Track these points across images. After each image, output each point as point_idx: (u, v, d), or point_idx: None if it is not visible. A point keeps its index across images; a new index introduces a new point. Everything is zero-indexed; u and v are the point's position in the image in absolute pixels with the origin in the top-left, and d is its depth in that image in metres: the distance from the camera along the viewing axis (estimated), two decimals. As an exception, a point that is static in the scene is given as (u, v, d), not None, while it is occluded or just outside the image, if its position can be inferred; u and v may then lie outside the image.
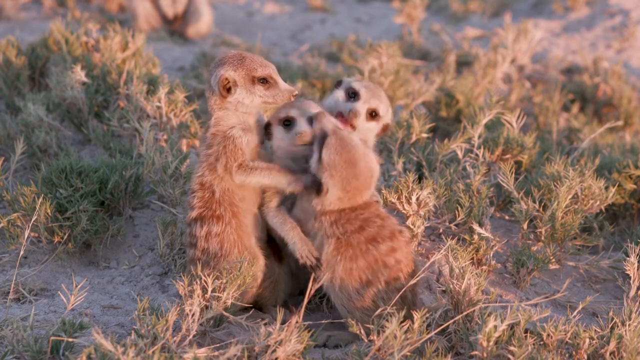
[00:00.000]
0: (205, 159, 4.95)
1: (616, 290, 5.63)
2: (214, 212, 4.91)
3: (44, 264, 5.67)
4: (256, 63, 4.90)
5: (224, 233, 4.90)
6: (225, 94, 4.87)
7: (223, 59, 4.93)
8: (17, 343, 4.58)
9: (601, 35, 10.77)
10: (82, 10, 11.41)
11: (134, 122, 6.20)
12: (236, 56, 4.92)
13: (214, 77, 4.89)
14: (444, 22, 11.83)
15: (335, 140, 4.71)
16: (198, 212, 4.93)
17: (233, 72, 4.87)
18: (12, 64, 7.24)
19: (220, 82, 4.86)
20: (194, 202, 4.94)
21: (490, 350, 4.49)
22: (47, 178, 5.71)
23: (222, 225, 4.90)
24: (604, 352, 4.60)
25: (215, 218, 4.91)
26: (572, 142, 7.85)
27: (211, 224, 4.90)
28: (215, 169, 4.90)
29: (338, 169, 4.70)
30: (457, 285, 4.70)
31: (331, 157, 4.70)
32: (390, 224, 4.82)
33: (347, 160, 4.70)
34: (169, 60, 9.44)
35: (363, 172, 4.74)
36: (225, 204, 4.91)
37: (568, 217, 5.50)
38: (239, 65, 4.88)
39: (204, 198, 4.93)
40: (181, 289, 4.65)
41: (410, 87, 7.78)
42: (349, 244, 4.76)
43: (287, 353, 4.46)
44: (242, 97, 4.89)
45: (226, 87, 4.86)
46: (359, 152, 4.73)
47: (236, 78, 4.87)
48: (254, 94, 4.90)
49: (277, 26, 11.90)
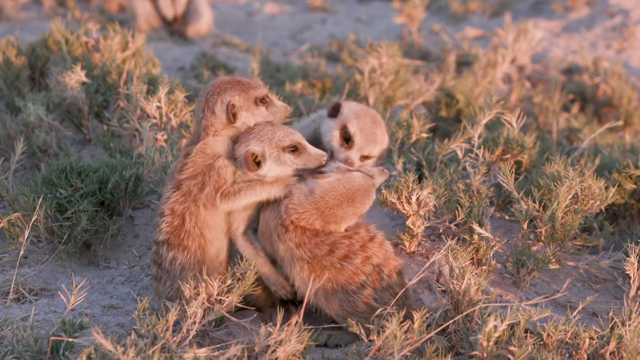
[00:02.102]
0: (181, 184, 4.92)
1: (616, 290, 5.63)
2: (181, 242, 4.92)
3: (44, 264, 5.67)
4: (254, 84, 4.96)
5: (188, 263, 4.92)
6: (233, 119, 4.89)
7: (221, 85, 4.94)
8: (17, 343, 4.58)
9: (601, 35, 10.77)
10: (82, 10, 11.41)
11: (134, 122, 6.20)
12: (233, 81, 4.96)
13: (219, 103, 4.89)
14: (444, 22, 11.83)
15: (354, 180, 4.84)
16: (165, 237, 4.94)
17: (238, 97, 4.89)
18: (12, 64, 7.24)
19: (228, 107, 4.88)
20: (163, 226, 4.94)
21: (490, 350, 4.49)
22: (47, 178, 5.71)
23: (187, 256, 4.92)
24: (604, 352, 4.60)
25: (181, 247, 4.92)
26: (572, 142, 7.85)
27: (177, 251, 4.92)
28: (195, 199, 4.89)
29: (344, 187, 4.83)
30: (457, 285, 4.70)
31: (350, 180, 4.83)
32: (358, 237, 4.84)
33: (349, 195, 4.80)
34: (169, 60, 9.44)
35: (340, 213, 4.80)
36: (194, 235, 4.92)
37: (568, 217, 5.50)
38: (241, 90, 4.91)
39: (173, 224, 4.93)
40: (187, 291, 4.65)
41: (410, 87, 7.79)
42: (322, 266, 4.78)
43: (287, 353, 4.46)
44: (248, 120, 4.92)
45: (233, 112, 4.89)
46: (353, 207, 4.83)
47: (241, 102, 4.90)
48: (257, 115, 4.93)
49: (277, 26, 11.90)
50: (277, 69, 8.85)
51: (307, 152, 4.87)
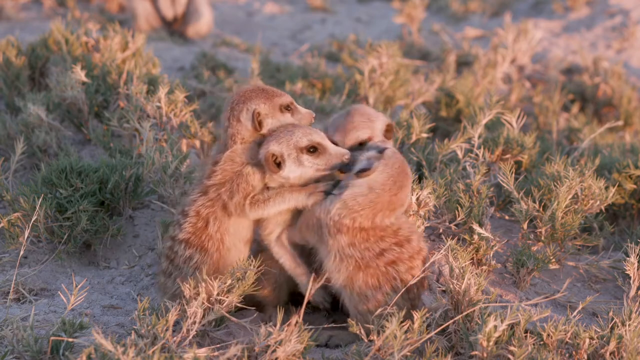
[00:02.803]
0: (208, 190, 4.92)
1: (616, 290, 5.63)
2: (202, 243, 4.93)
3: (44, 264, 5.67)
4: (278, 92, 4.98)
5: (202, 263, 4.93)
6: (259, 127, 4.91)
7: (246, 94, 4.96)
8: (17, 343, 4.58)
9: (601, 35, 10.77)
10: (82, 10, 11.41)
11: (134, 122, 6.20)
12: (257, 89, 4.98)
13: (244, 111, 4.91)
14: (444, 22, 11.83)
15: (393, 156, 4.78)
16: (186, 236, 4.94)
17: (263, 105, 4.92)
18: (12, 64, 7.24)
19: (254, 115, 4.90)
20: (185, 226, 4.94)
21: (490, 350, 4.49)
22: (47, 178, 5.71)
23: (204, 257, 4.93)
24: (604, 352, 4.60)
25: (200, 248, 4.93)
26: (572, 142, 7.85)
27: (195, 251, 4.93)
28: (225, 206, 4.90)
29: (394, 167, 4.73)
30: (457, 285, 4.70)
31: (392, 157, 4.75)
32: (409, 247, 4.83)
33: (401, 171, 4.76)
34: (169, 60, 9.44)
35: (404, 193, 4.76)
36: (215, 239, 4.93)
37: (568, 217, 5.50)
38: (266, 98, 4.93)
39: (196, 226, 4.93)
40: (187, 291, 4.65)
41: (410, 87, 7.78)
42: (368, 265, 4.77)
43: (287, 353, 4.46)
44: (273, 127, 4.93)
45: (258, 120, 4.91)
46: (409, 178, 4.80)
47: (267, 110, 4.92)
48: (282, 122, 4.95)
49: (277, 26, 11.90)
50: (277, 69, 8.85)
51: (328, 152, 4.84)
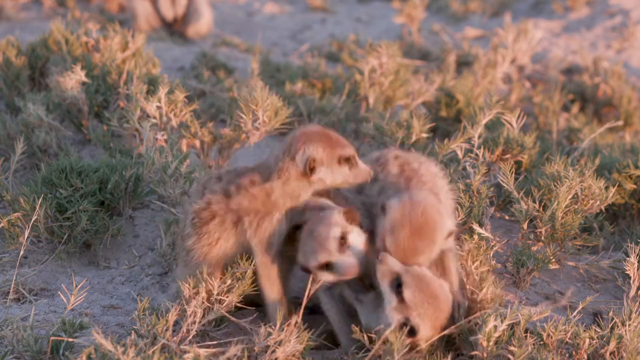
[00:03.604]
0: (231, 196, 4.90)
1: (616, 290, 5.63)
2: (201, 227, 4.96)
3: (44, 264, 5.67)
4: (342, 143, 4.84)
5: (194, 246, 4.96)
6: (309, 172, 4.81)
7: (310, 135, 4.83)
8: (17, 343, 4.58)
9: (601, 35, 10.77)
10: (82, 10, 11.41)
11: (134, 122, 6.19)
12: (322, 133, 4.85)
13: (301, 152, 4.79)
14: (444, 22, 11.83)
15: (411, 278, 4.53)
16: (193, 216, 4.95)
17: (322, 151, 4.79)
18: (12, 64, 7.24)
19: (309, 160, 4.78)
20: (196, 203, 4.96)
21: (490, 350, 4.49)
22: (47, 178, 5.71)
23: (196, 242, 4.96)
24: (604, 352, 4.60)
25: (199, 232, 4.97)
26: (572, 142, 7.84)
27: (192, 230, 4.96)
28: (237, 223, 4.90)
29: (425, 306, 4.50)
30: (476, 294, 4.72)
31: (415, 295, 4.51)
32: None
33: (430, 295, 4.53)
34: (169, 60, 9.44)
35: (445, 303, 4.58)
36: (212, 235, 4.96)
37: (568, 217, 5.50)
38: (327, 145, 4.80)
39: (201, 211, 4.94)
40: (186, 290, 4.65)
41: (410, 87, 7.78)
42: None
43: (287, 353, 4.46)
44: (325, 177, 4.83)
45: (312, 165, 4.80)
46: (436, 284, 4.57)
47: (324, 158, 4.80)
48: (337, 174, 4.84)
49: (277, 26, 11.89)
50: (277, 69, 8.85)
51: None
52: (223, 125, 7.20)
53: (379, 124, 6.23)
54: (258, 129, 6.05)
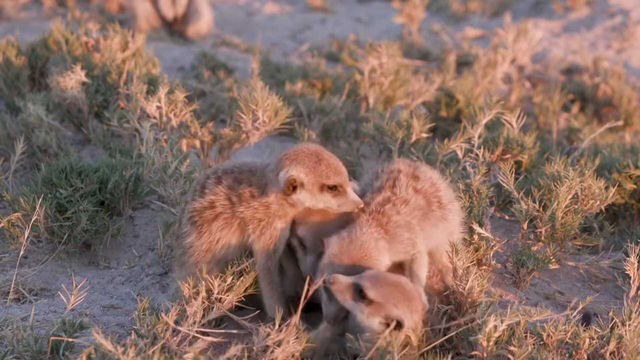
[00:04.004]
0: (235, 202, 4.88)
1: (616, 290, 5.63)
2: (201, 223, 4.94)
3: (44, 264, 5.67)
4: (330, 169, 4.74)
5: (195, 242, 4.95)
6: (287, 192, 4.75)
7: (299, 155, 4.76)
8: (17, 343, 4.58)
9: (601, 35, 10.77)
10: (82, 10, 11.41)
11: (134, 122, 6.19)
12: (312, 155, 4.76)
13: (284, 171, 4.74)
14: (444, 22, 11.83)
15: (368, 280, 4.51)
16: (195, 206, 4.93)
17: (305, 176, 4.72)
18: (12, 64, 7.24)
19: (289, 180, 4.72)
20: (197, 201, 4.94)
21: (490, 350, 4.49)
22: (47, 178, 5.71)
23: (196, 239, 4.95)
24: (604, 352, 4.60)
25: (199, 228, 4.94)
26: (572, 142, 7.84)
27: (192, 227, 4.94)
28: (244, 227, 4.89)
29: (394, 294, 4.48)
30: (461, 287, 4.70)
31: (379, 290, 4.49)
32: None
33: (392, 284, 4.52)
34: (169, 60, 9.44)
35: (409, 287, 4.56)
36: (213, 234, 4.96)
37: (568, 217, 5.50)
38: (312, 169, 4.73)
39: (203, 204, 4.92)
40: (186, 290, 4.65)
41: (410, 87, 7.78)
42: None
43: (286, 353, 4.45)
44: (305, 200, 4.78)
45: (293, 185, 4.75)
46: (392, 275, 4.57)
47: (306, 182, 4.74)
48: (319, 200, 4.77)
49: (277, 26, 11.89)
50: (277, 69, 8.85)
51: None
52: (223, 125, 7.19)
53: (379, 124, 6.23)
54: (258, 129, 6.05)
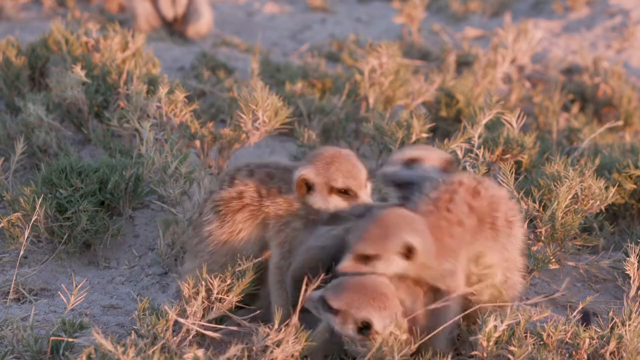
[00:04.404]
0: (263, 196, 4.87)
1: (616, 290, 5.63)
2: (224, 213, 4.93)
3: (44, 264, 5.67)
4: (341, 171, 4.70)
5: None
6: (300, 193, 4.75)
7: (317, 155, 4.77)
8: (17, 343, 4.58)
9: (601, 35, 10.77)
10: (82, 10, 11.41)
11: (134, 122, 6.19)
12: (328, 156, 4.74)
13: (299, 170, 4.73)
14: (444, 22, 11.83)
15: (330, 290, 4.46)
16: (221, 196, 4.92)
17: (315, 176, 4.72)
18: (12, 64, 7.24)
19: (299, 179, 4.73)
20: (224, 190, 4.93)
21: (490, 350, 4.49)
22: (47, 178, 5.71)
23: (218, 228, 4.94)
24: (604, 352, 4.60)
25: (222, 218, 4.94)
26: (572, 142, 7.84)
27: (214, 216, 4.94)
28: (265, 222, 4.89)
29: (358, 297, 4.40)
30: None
31: (341, 297, 4.42)
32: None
33: (356, 287, 4.44)
34: (169, 60, 9.44)
35: (378, 286, 4.47)
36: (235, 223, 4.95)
37: (568, 217, 5.50)
38: (322, 170, 4.71)
39: (230, 199, 4.92)
40: (186, 290, 4.65)
41: (410, 87, 7.78)
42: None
43: (286, 354, 4.45)
44: (315, 202, 4.76)
45: (304, 184, 4.74)
46: (358, 278, 4.48)
47: (316, 182, 4.73)
48: (328, 203, 4.75)
49: (277, 26, 11.90)
50: (277, 69, 8.85)
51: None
52: (223, 125, 7.19)
53: (379, 124, 6.23)
54: (258, 129, 6.05)
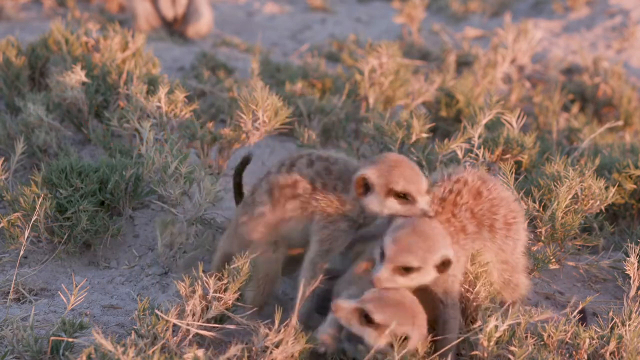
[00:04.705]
0: (314, 190, 4.91)
1: (616, 290, 5.63)
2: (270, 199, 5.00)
3: (44, 264, 5.67)
4: (404, 175, 4.66)
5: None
6: (357, 193, 4.74)
7: (377, 159, 4.75)
8: (17, 343, 4.58)
9: (601, 35, 10.77)
10: (82, 10, 11.41)
11: (134, 122, 6.19)
12: (387, 161, 4.72)
13: (359, 171, 4.73)
14: (444, 22, 11.83)
15: (371, 304, 4.46)
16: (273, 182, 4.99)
17: (375, 177, 4.69)
18: (12, 64, 7.24)
19: (358, 180, 4.72)
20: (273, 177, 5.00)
21: (491, 350, 4.49)
22: (47, 178, 5.71)
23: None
24: (604, 352, 4.60)
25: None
26: (572, 142, 7.84)
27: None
28: (310, 214, 4.93)
29: (399, 313, 4.46)
30: (469, 293, 4.71)
31: (385, 312, 4.45)
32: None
33: (395, 303, 4.49)
34: (169, 60, 9.44)
35: (410, 301, 4.55)
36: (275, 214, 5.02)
37: (568, 217, 5.50)
38: (383, 172, 4.68)
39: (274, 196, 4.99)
40: (182, 289, 4.64)
41: (410, 87, 7.78)
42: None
43: (285, 354, 4.45)
44: (372, 204, 4.74)
45: (362, 185, 4.73)
46: (391, 292, 4.52)
47: (375, 183, 4.70)
48: (386, 206, 4.71)
49: (277, 26, 11.90)
50: (277, 69, 8.85)
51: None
52: (223, 125, 7.19)
53: (379, 124, 6.23)
54: (258, 129, 6.05)
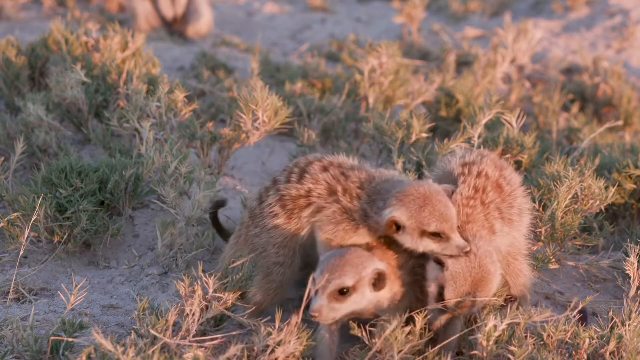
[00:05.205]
0: (330, 197, 4.85)
1: (616, 290, 5.63)
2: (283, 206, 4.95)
3: (44, 264, 5.67)
4: (437, 213, 4.57)
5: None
6: (388, 230, 4.63)
7: (407, 193, 4.63)
8: (17, 343, 4.58)
9: (601, 35, 10.77)
10: (82, 10, 11.41)
11: (134, 122, 6.19)
12: (418, 195, 4.60)
13: (389, 210, 4.61)
14: (444, 22, 11.83)
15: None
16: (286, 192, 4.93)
17: (407, 219, 4.58)
18: (12, 64, 7.24)
19: (389, 222, 4.60)
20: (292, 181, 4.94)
21: (491, 350, 4.49)
22: (47, 178, 5.71)
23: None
24: (604, 352, 4.60)
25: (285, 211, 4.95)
26: (572, 142, 7.84)
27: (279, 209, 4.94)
28: (318, 210, 4.87)
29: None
30: None
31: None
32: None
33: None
34: (169, 60, 9.44)
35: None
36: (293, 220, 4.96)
37: (568, 217, 5.50)
38: (416, 213, 4.57)
39: (292, 195, 4.92)
40: (182, 289, 4.64)
41: (410, 87, 7.78)
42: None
43: (287, 354, 4.45)
44: (405, 241, 4.65)
45: (395, 226, 4.62)
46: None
47: (407, 224, 4.59)
48: (419, 245, 4.63)
49: (277, 26, 11.90)
50: (277, 69, 8.85)
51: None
52: (223, 125, 7.19)
53: (379, 124, 6.23)
54: (258, 129, 6.05)
